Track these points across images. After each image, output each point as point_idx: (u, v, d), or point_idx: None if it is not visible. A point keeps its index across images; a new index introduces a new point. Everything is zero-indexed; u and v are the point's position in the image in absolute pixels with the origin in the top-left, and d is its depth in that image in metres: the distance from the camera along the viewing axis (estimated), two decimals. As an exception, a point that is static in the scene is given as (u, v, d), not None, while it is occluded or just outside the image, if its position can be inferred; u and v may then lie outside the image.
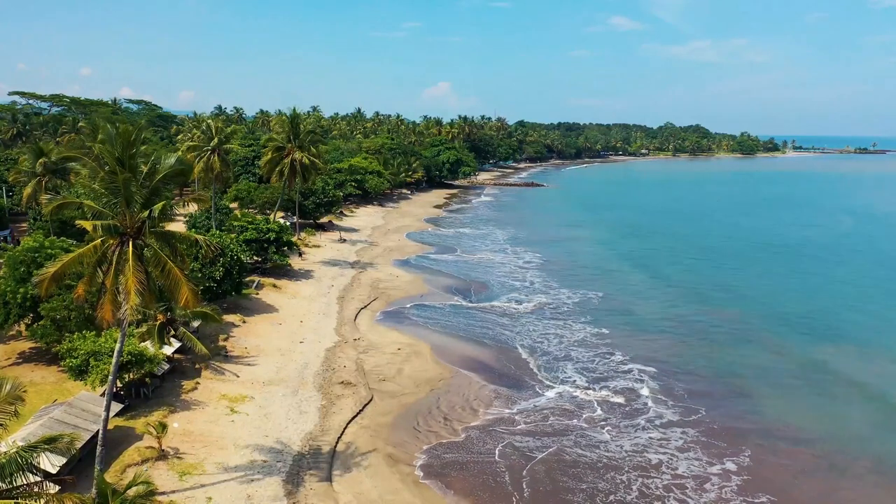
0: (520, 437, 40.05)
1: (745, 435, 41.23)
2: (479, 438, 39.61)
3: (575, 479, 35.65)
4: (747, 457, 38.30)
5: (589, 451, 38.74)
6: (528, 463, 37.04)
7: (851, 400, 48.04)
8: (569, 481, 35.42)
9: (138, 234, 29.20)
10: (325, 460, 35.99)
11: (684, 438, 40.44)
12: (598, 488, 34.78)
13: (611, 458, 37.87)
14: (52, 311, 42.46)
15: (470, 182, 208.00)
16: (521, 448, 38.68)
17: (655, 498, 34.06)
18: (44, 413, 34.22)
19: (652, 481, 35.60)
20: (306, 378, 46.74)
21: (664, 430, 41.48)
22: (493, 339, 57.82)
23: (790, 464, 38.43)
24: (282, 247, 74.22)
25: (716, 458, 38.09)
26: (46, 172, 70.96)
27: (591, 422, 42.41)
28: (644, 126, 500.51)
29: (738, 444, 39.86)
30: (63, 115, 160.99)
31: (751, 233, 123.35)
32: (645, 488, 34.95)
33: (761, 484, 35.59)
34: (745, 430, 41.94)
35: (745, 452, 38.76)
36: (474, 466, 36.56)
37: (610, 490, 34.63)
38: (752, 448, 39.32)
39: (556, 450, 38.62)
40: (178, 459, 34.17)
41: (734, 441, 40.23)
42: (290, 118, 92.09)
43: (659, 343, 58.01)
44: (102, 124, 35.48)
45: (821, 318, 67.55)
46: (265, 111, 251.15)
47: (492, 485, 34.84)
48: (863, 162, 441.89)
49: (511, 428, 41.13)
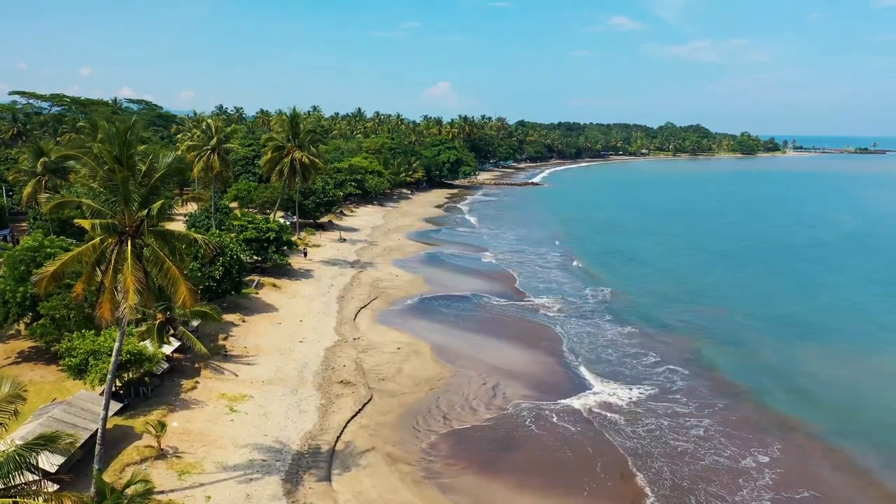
0: (522, 436, 40.05)
1: (773, 429, 42.12)
2: (479, 438, 39.60)
3: (586, 473, 35.74)
4: (778, 450, 39.07)
5: (601, 444, 39.09)
6: (529, 460, 37.04)
7: (877, 395, 48.41)
8: (573, 475, 35.47)
9: (137, 232, 29.19)
10: (325, 459, 35.98)
11: (706, 429, 41.10)
12: (605, 483, 34.81)
13: (629, 450, 38.41)
14: (51, 310, 42.47)
15: (470, 182, 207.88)
16: (521, 448, 38.68)
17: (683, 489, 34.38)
18: (43, 412, 34.22)
19: (679, 469, 36.58)
20: (306, 377, 46.73)
21: (683, 419, 41.76)
22: (493, 338, 57.80)
23: (820, 459, 38.98)
24: (281, 246, 74.22)
25: (745, 451, 38.84)
26: (46, 172, 70.99)
27: (603, 415, 42.45)
28: (644, 126, 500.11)
29: (765, 437, 40.65)
30: (63, 115, 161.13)
31: (756, 232, 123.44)
32: (675, 478, 35.68)
33: (795, 478, 36.18)
34: (772, 424, 42.83)
35: (775, 445, 39.47)
36: (474, 467, 36.52)
37: (627, 481, 34.63)
38: (781, 443, 40.04)
39: (551, 448, 38.65)
40: (177, 458, 34.17)
41: (760, 434, 41.04)
42: (290, 118, 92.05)
43: (673, 339, 58.15)
44: (102, 124, 35.46)
45: (836, 317, 67.88)
46: (265, 111, 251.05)
47: (493, 484, 34.83)
48: (863, 162, 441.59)
49: (512, 427, 41.13)
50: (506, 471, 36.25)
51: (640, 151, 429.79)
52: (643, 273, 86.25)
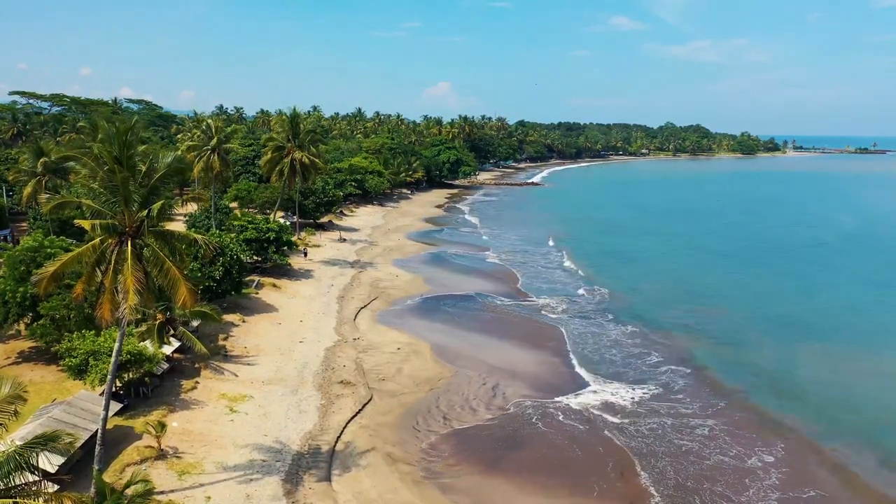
0: (523, 436, 40.05)
1: (777, 429, 42.19)
2: (479, 438, 39.59)
3: (589, 473, 35.80)
4: (782, 449, 39.14)
5: (603, 444, 39.14)
6: (533, 460, 37.03)
7: (879, 395, 48.43)
8: (576, 474, 35.48)
9: (137, 233, 29.18)
10: (325, 460, 35.97)
11: (710, 428, 41.29)
12: (613, 481, 34.80)
13: (633, 449, 38.56)
14: (51, 311, 42.46)
15: (470, 182, 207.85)
16: (524, 447, 38.66)
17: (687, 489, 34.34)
18: (43, 412, 34.21)
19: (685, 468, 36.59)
20: (306, 377, 46.72)
21: (686, 419, 41.84)
22: (494, 338, 57.79)
23: (826, 459, 38.97)
24: (282, 246, 74.23)
25: (750, 450, 38.84)
26: (46, 172, 71.01)
27: (604, 416, 42.44)
28: (644, 126, 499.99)
29: (770, 437, 40.66)
30: (63, 115, 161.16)
31: (756, 232, 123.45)
32: (679, 477, 35.70)
33: (801, 478, 36.25)
34: (776, 424, 42.90)
35: (779, 445, 39.51)
36: (474, 467, 36.50)
37: (630, 481, 34.64)
38: (785, 442, 40.05)
39: (557, 447, 38.64)
40: (177, 459, 34.16)
41: (764, 434, 41.13)
42: (290, 118, 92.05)
43: (669, 337, 58.13)
44: (102, 124, 35.47)
45: (837, 317, 67.99)
46: (265, 111, 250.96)
47: (493, 484, 34.82)
48: (863, 162, 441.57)
49: (513, 427, 41.11)
50: (506, 471, 36.21)
51: (640, 151, 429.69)
52: (644, 273, 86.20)
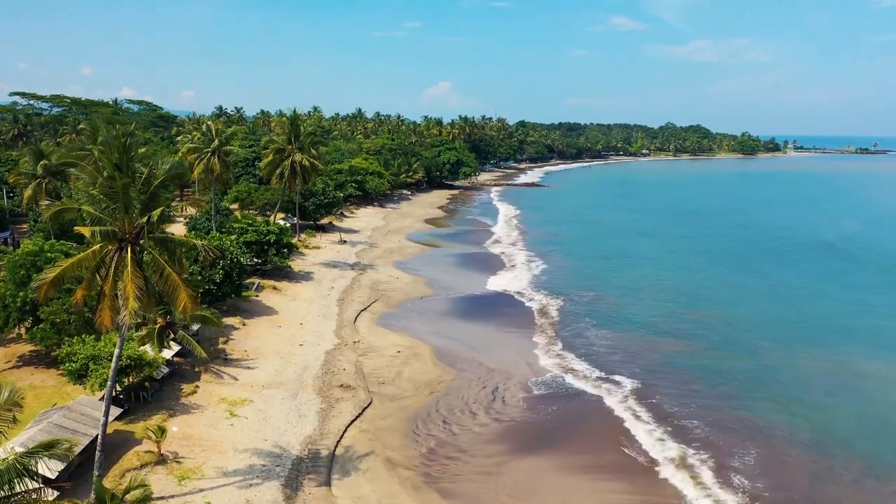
0: (522, 438, 40.07)
1: (752, 436, 41.55)
2: (479, 441, 39.59)
3: (592, 472, 35.81)
4: (753, 457, 38.70)
5: (605, 444, 39.34)
6: (536, 463, 37.04)
7: (858, 402, 48.09)
8: (573, 483, 35.47)
9: (137, 239, 29.21)
10: (324, 464, 35.99)
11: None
12: (609, 482, 34.83)
13: (624, 462, 38.30)
14: (51, 315, 42.45)
15: (471, 183, 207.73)
16: (526, 450, 38.70)
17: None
18: (43, 417, 34.24)
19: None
20: (306, 381, 46.74)
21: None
22: (495, 340, 57.79)
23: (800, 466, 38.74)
24: (282, 248, 74.23)
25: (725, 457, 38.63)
26: (47, 174, 71.03)
27: (604, 414, 42.42)
28: (645, 126, 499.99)
29: (743, 444, 40.23)
30: (64, 116, 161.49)
31: (756, 232, 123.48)
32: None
33: (774, 483, 36.11)
34: (750, 431, 42.20)
35: (750, 453, 39.07)
36: (474, 471, 36.54)
37: (627, 493, 34.68)
38: (757, 449, 39.60)
39: (559, 447, 38.66)
40: (177, 464, 34.18)
41: (740, 441, 40.70)
42: (290, 119, 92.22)
43: (658, 345, 58.11)
44: (102, 126, 35.51)
45: (837, 318, 68.15)
46: (266, 111, 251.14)
47: (494, 489, 34.83)
48: (864, 162, 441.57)
49: (513, 430, 41.14)
50: (507, 474, 36.22)
51: (641, 152, 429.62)
52: (644, 273, 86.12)
